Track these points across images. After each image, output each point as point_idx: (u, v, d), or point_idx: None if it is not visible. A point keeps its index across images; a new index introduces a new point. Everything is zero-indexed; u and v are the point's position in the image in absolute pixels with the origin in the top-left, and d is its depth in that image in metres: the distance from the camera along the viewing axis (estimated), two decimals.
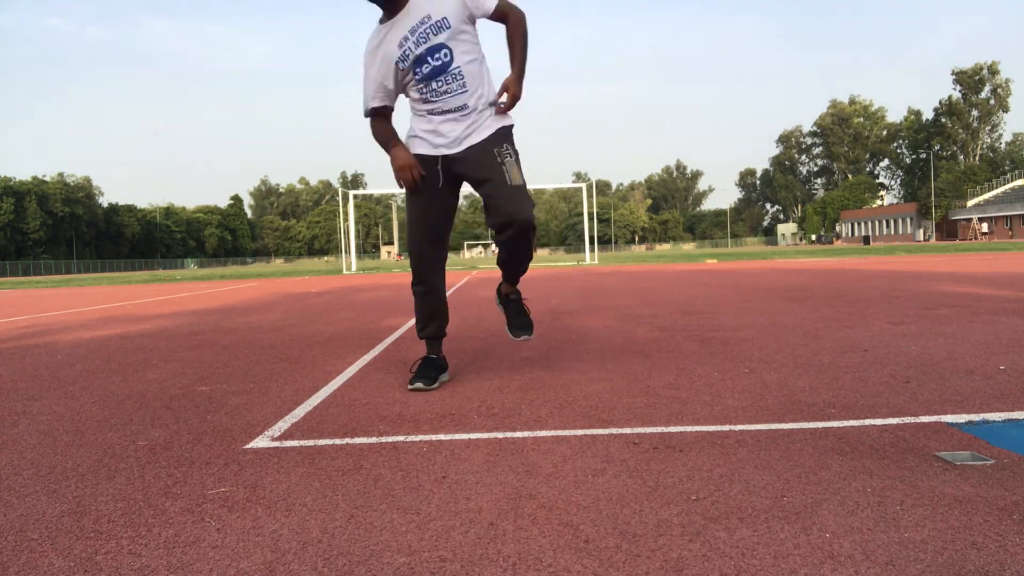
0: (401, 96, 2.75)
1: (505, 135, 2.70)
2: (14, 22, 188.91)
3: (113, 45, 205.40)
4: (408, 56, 2.58)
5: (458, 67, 2.60)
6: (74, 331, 5.83)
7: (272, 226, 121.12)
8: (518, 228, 2.60)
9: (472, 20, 2.64)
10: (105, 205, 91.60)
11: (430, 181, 2.72)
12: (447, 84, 2.61)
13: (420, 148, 2.72)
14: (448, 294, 3.03)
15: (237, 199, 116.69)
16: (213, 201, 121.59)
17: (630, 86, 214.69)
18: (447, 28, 2.57)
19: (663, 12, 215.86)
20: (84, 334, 5.52)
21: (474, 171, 2.66)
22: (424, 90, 2.63)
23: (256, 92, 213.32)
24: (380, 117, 2.75)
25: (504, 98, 2.69)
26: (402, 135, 2.82)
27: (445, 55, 2.59)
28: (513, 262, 2.87)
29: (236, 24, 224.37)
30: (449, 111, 2.64)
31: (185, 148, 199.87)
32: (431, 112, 2.67)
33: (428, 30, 2.56)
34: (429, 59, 2.58)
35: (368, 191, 35.55)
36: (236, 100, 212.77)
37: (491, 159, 2.63)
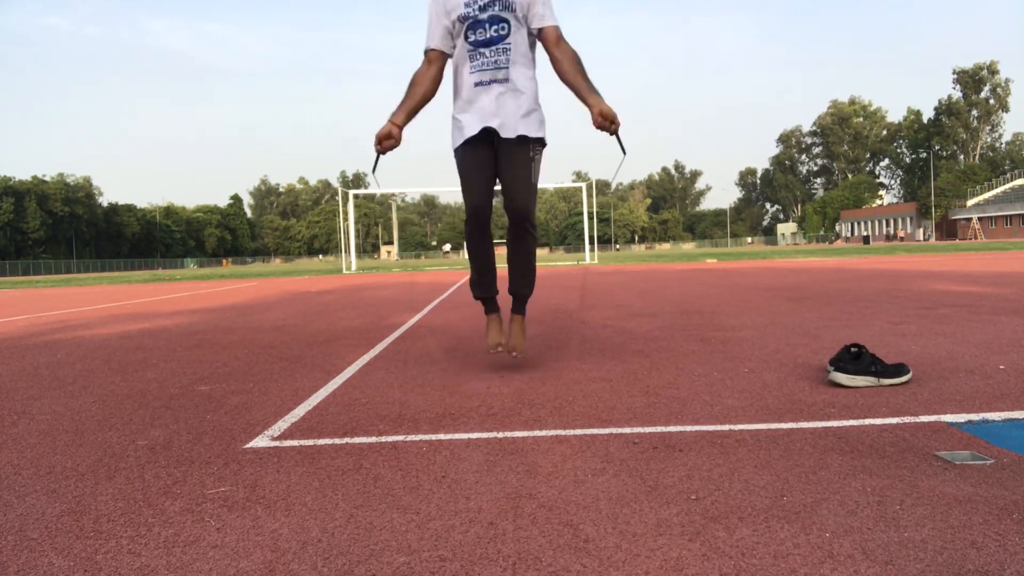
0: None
1: (542, 144, 2.94)
2: (12, 21, 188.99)
3: (112, 44, 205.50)
4: (470, 16, 2.80)
5: (510, 44, 2.81)
6: (74, 330, 5.83)
7: (272, 226, 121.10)
8: (522, 217, 2.89)
9: (527, 21, 2.84)
10: (105, 205, 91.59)
11: (483, 153, 2.90)
12: (497, 56, 2.80)
13: (470, 130, 2.85)
14: (448, 293, 3.07)
15: (237, 199, 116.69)
16: (213, 201, 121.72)
17: (629, 85, 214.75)
18: (512, 10, 2.80)
19: (662, 10, 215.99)
20: (84, 333, 5.52)
21: (507, 159, 2.87)
22: (474, 54, 2.82)
23: (256, 92, 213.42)
24: (429, 60, 2.93)
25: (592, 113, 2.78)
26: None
27: (503, 28, 2.80)
28: (518, 260, 3.05)
29: (235, 23, 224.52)
30: (494, 81, 2.82)
31: (185, 148, 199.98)
32: (476, 83, 2.83)
33: (496, 2, 2.79)
34: (487, 27, 2.80)
35: (368, 191, 35.54)
36: (236, 100, 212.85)
37: (526, 155, 2.87)
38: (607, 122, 2.71)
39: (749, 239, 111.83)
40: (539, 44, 2.92)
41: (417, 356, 3.67)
